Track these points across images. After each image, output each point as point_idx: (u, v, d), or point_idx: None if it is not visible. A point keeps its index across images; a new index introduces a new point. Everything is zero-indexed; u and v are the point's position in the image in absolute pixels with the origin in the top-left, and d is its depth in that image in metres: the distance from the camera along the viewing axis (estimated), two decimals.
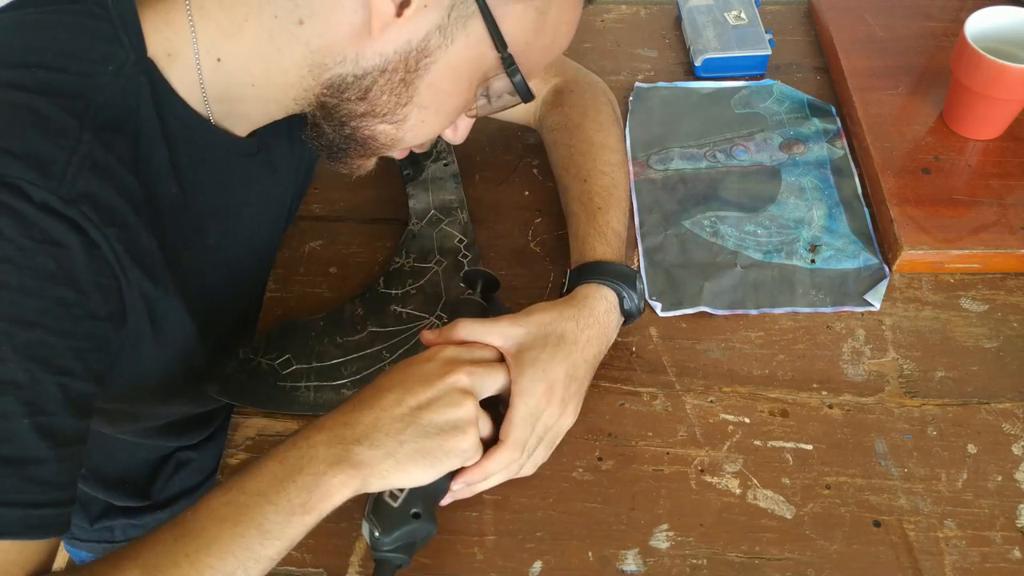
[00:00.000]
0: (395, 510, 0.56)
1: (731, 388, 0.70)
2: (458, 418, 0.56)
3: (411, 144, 0.61)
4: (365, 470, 0.53)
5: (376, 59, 0.54)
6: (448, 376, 0.57)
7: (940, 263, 0.75)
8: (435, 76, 0.55)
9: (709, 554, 0.61)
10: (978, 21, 0.78)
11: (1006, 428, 0.67)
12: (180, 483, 0.86)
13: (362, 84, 0.55)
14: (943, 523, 0.62)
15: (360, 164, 0.64)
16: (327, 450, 0.52)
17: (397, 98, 0.56)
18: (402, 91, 0.55)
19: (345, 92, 0.55)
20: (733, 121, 0.88)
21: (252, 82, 0.57)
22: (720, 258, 0.77)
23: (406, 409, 0.55)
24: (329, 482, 0.52)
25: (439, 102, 0.57)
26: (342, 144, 0.60)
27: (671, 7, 1.00)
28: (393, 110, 0.56)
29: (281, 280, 0.78)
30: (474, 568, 0.61)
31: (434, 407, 0.55)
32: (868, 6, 0.95)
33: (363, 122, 0.57)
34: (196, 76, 0.56)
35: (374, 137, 0.59)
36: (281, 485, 0.51)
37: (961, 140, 0.82)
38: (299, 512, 0.51)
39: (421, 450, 0.54)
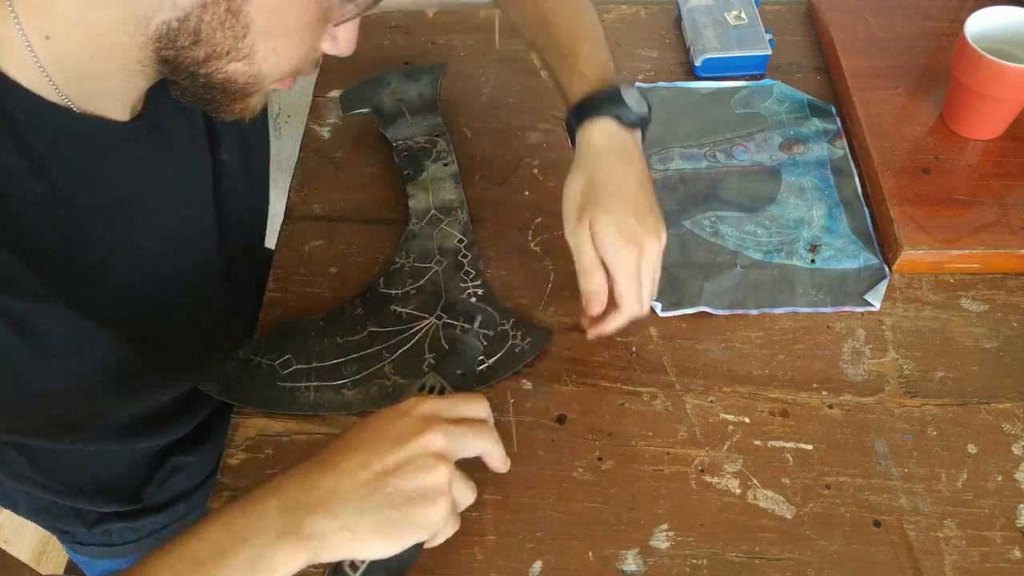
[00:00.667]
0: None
1: (731, 388, 0.70)
2: (428, 486, 0.50)
3: (279, 75, 0.55)
4: (315, 542, 0.48)
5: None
6: (421, 436, 0.51)
7: (940, 263, 0.75)
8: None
9: (709, 554, 0.61)
10: (978, 21, 0.78)
11: (1006, 428, 0.67)
12: (176, 487, 0.85)
13: (188, 27, 0.49)
14: (943, 523, 0.62)
15: (241, 107, 0.57)
16: (278, 517, 0.48)
17: (232, 31, 0.50)
18: (233, 22, 0.50)
19: (177, 40, 0.50)
20: (733, 121, 0.88)
21: (90, 55, 0.51)
22: (720, 258, 0.77)
23: (371, 474, 0.50)
24: (274, 554, 0.47)
25: (282, 23, 0.52)
26: (205, 94, 0.54)
27: (671, 7, 1.00)
28: (235, 45, 0.51)
29: (281, 280, 0.78)
30: (474, 568, 0.61)
31: (402, 472, 0.50)
32: (868, 6, 0.95)
33: (211, 66, 0.52)
34: (33, 61, 0.51)
35: (231, 79, 0.53)
36: (222, 555, 0.47)
37: (961, 140, 0.82)
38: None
39: (384, 522, 0.49)
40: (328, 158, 0.88)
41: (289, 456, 0.67)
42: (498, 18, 1.00)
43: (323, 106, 0.92)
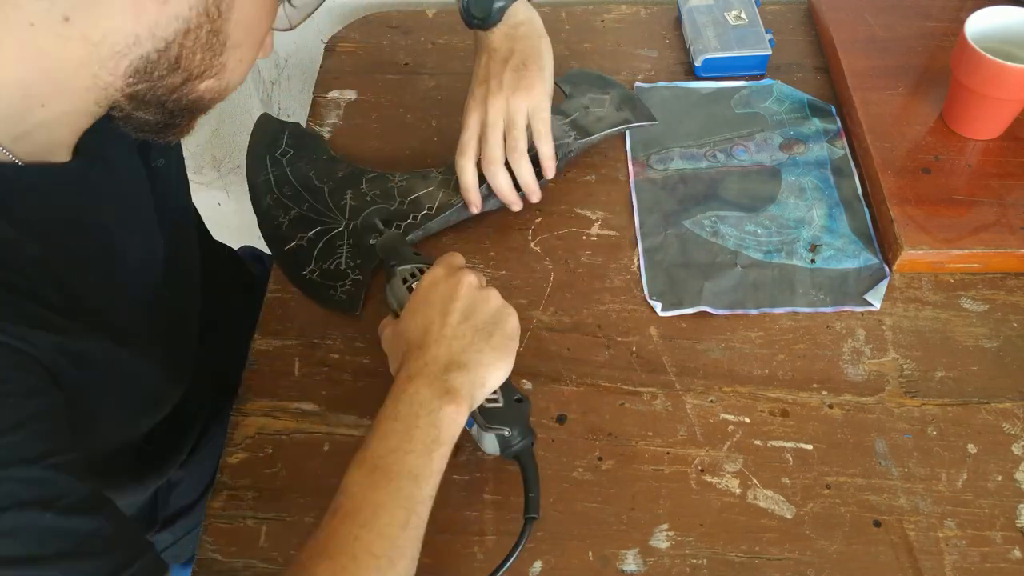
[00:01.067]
0: (504, 407, 0.62)
1: (731, 388, 0.70)
2: (496, 307, 0.62)
3: (237, 85, 0.56)
4: (467, 388, 0.58)
5: (174, 23, 0.48)
6: (462, 284, 0.62)
7: (940, 263, 0.75)
8: (240, 12, 0.50)
9: (709, 554, 0.61)
10: (978, 21, 0.77)
11: (1006, 428, 0.67)
12: (176, 503, 0.85)
13: (170, 55, 0.49)
14: (943, 523, 0.62)
15: (190, 127, 0.57)
16: (430, 389, 0.57)
17: (212, 51, 0.51)
18: (213, 42, 0.50)
19: (155, 71, 0.49)
20: (733, 121, 0.88)
21: (41, 103, 0.49)
22: (720, 258, 0.77)
23: (458, 327, 0.60)
24: (446, 410, 0.56)
25: (250, 33, 0.53)
26: (167, 120, 0.54)
27: (671, 7, 1.00)
28: (211, 64, 0.51)
29: (281, 280, 0.78)
30: (474, 568, 0.61)
31: (476, 311, 0.61)
32: (868, 6, 0.95)
33: (184, 90, 0.52)
34: None
35: (200, 98, 0.54)
36: (409, 435, 0.55)
37: (961, 140, 0.82)
38: (435, 447, 0.55)
39: (495, 347, 0.60)
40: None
41: (288, 455, 0.67)
42: None
43: (323, 106, 0.92)
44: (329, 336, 0.74)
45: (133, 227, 0.64)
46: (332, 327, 0.75)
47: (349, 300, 0.74)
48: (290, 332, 0.75)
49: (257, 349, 0.74)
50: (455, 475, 0.65)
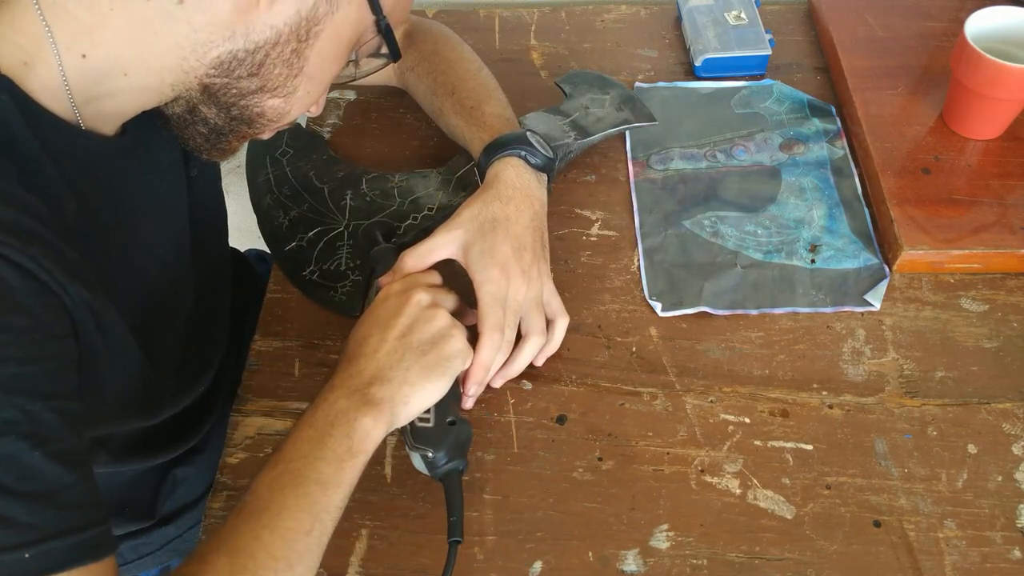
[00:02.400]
0: (433, 428, 0.61)
1: (731, 388, 0.70)
2: (439, 327, 0.61)
3: (294, 118, 0.60)
4: (387, 405, 0.57)
5: (267, 31, 0.52)
6: (410, 300, 0.62)
7: (940, 263, 0.75)
8: (323, 44, 0.54)
9: (709, 554, 0.61)
10: (978, 21, 0.78)
11: (1006, 428, 0.67)
12: (181, 498, 0.85)
13: (255, 59, 0.53)
14: (943, 523, 0.62)
15: (236, 147, 0.61)
16: (348, 400, 0.57)
17: (289, 70, 0.54)
18: (294, 62, 0.54)
19: (236, 69, 0.53)
20: (733, 121, 0.88)
21: (125, 71, 0.52)
22: (720, 258, 0.77)
23: (393, 342, 0.60)
24: (363, 422, 0.56)
25: (324, 71, 0.57)
26: (226, 127, 0.57)
27: (671, 7, 1.00)
28: (284, 83, 0.55)
29: (281, 281, 0.78)
30: (474, 568, 0.61)
31: (415, 329, 0.61)
32: (868, 6, 0.95)
33: (254, 99, 0.56)
34: (60, 80, 0.51)
35: (263, 113, 0.57)
36: (321, 442, 0.55)
37: (961, 140, 0.82)
38: (347, 458, 0.55)
39: (426, 366, 0.59)
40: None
41: None
42: (498, 18, 1.00)
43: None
44: (329, 337, 0.74)
45: (161, 225, 0.65)
46: (332, 328, 0.75)
47: (349, 301, 0.74)
48: (290, 333, 0.75)
49: (257, 350, 0.74)
50: None
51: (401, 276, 0.67)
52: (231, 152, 0.61)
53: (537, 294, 0.68)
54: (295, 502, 0.53)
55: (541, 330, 0.69)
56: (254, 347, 0.74)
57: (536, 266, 0.68)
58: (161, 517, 0.85)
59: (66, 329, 0.51)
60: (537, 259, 0.69)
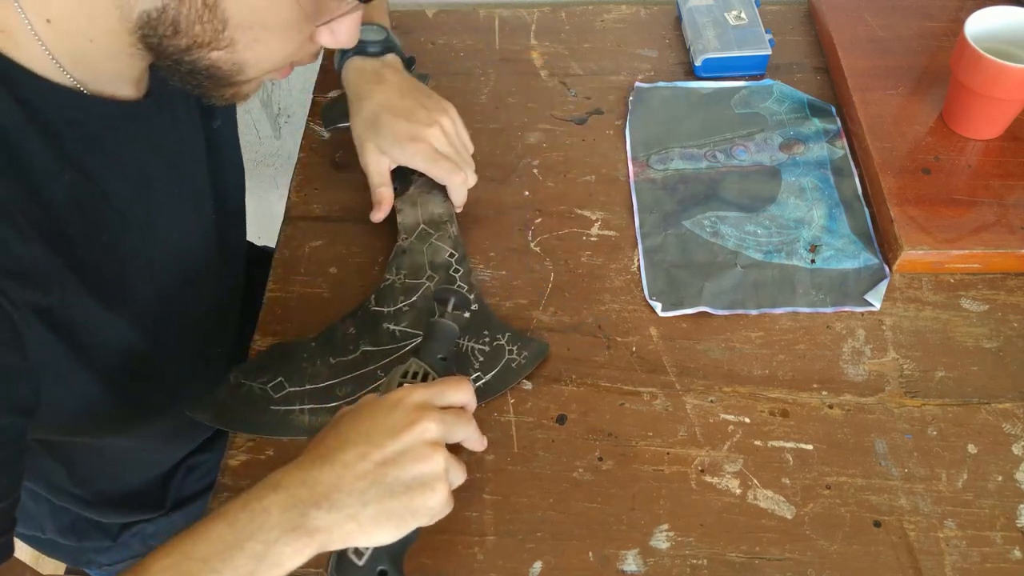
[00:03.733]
0: (360, 568, 0.53)
1: (731, 388, 0.70)
2: (426, 473, 0.52)
3: (269, 65, 0.55)
4: (322, 536, 0.49)
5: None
6: (415, 426, 0.53)
7: (940, 263, 0.75)
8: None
9: (709, 554, 0.61)
10: (978, 21, 0.78)
11: (1006, 428, 0.67)
12: (191, 486, 0.85)
13: (166, 18, 0.50)
14: (943, 523, 0.62)
15: (232, 92, 0.57)
16: (281, 515, 0.49)
17: (210, 24, 0.50)
18: (211, 16, 0.50)
19: (157, 28, 0.50)
20: (733, 121, 0.88)
21: (89, 37, 0.51)
22: (720, 258, 0.77)
23: (370, 465, 0.51)
24: (281, 550, 0.48)
25: (260, 18, 0.52)
26: (192, 80, 0.54)
27: (671, 7, 1.00)
28: (215, 37, 0.51)
29: (281, 280, 0.78)
30: (474, 568, 0.61)
31: (400, 463, 0.51)
32: (868, 6, 0.95)
33: (193, 54, 0.52)
34: (39, 46, 0.51)
35: (215, 65, 0.53)
36: (228, 552, 0.47)
37: (961, 140, 0.82)
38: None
39: (386, 511, 0.50)
40: (328, 158, 0.87)
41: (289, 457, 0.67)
42: (498, 18, 1.00)
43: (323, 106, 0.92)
44: None
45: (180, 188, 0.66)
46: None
47: None
48: (290, 332, 0.75)
49: (257, 349, 0.74)
50: None
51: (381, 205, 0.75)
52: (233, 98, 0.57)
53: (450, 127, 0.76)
54: None
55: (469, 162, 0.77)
56: (254, 347, 0.74)
57: (424, 109, 0.76)
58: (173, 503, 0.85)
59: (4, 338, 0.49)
60: (420, 103, 0.76)
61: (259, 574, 0.48)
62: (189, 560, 0.47)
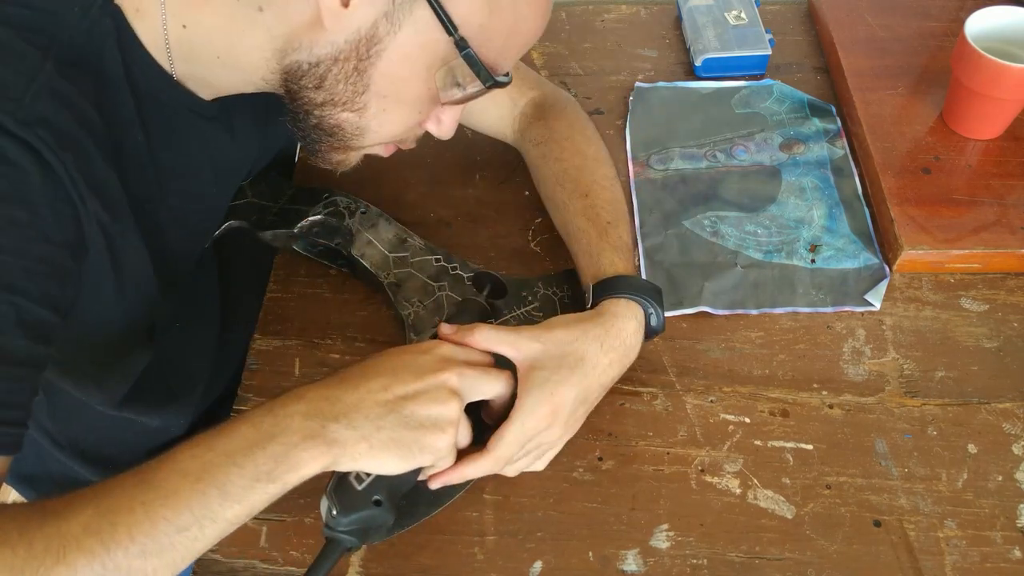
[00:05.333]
0: (358, 493, 0.55)
1: (731, 388, 0.70)
2: (440, 415, 0.55)
3: (385, 136, 0.61)
4: (337, 448, 0.52)
5: (328, 48, 0.54)
6: (440, 373, 0.56)
7: (940, 263, 0.75)
8: (387, 64, 0.55)
9: (709, 554, 0.61)
10: (978, 21, 0.78)
11: (1006, 428, 0.67)
12: None
13: (317, 72, 0.56)
14: (943, 523, 0.62)
15: (339, 159, 0.64)
16: (303, 422, 0.51)
17: (353, 86, 0.56)
18: (357, 79, 0.56)
19: (302, 79, 0.56)
20: (733, 121, 0.88)
21: (217, 54, 0.57)
22: (720, 258, 0.77)
23: (391, 396, 0.54)
24: (299, 455, 0.50)
25: (397, 90, 0.57)
26: (312, 134, 0.61)
27: (671, 7, 1.00)
28: (352, 98, 0.57)
29: (281, 280, 0.78)
30: (474, 568, 0.61)
31: (419, 400, 0.55)
32: (868, 6, 0.95)
33: (325, 111, 0.58)
34: (163, 35, 0.57)
35: (339, 126, 0.59)
36: (250, 450, 0.50)
37: (961, 140, 0.82)
38: (264, 480, 0.49)
39: (397, 440, 0.53)
40: None
41: None
42: None
43: None
44: (329, 336, 0.74)
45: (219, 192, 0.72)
46: (332, 327, 0.75)
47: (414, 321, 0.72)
48: (290, 332, 0.75)
49: (257, 349, 0.74)
50: None
51: (461, 338, 0.61)
52: (338, 164, 0.64)
53: (557, 445, 0.63)
54: (187, 496, 0.48)
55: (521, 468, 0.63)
56: (254, 346, 0.74)
57: (579, 423, 0.63)
58: None
59: (68, 239, 0.53)
60: (584, 417, 0.64)
61: (277, 474, 0.50)
62: (213, 452, 0.50)
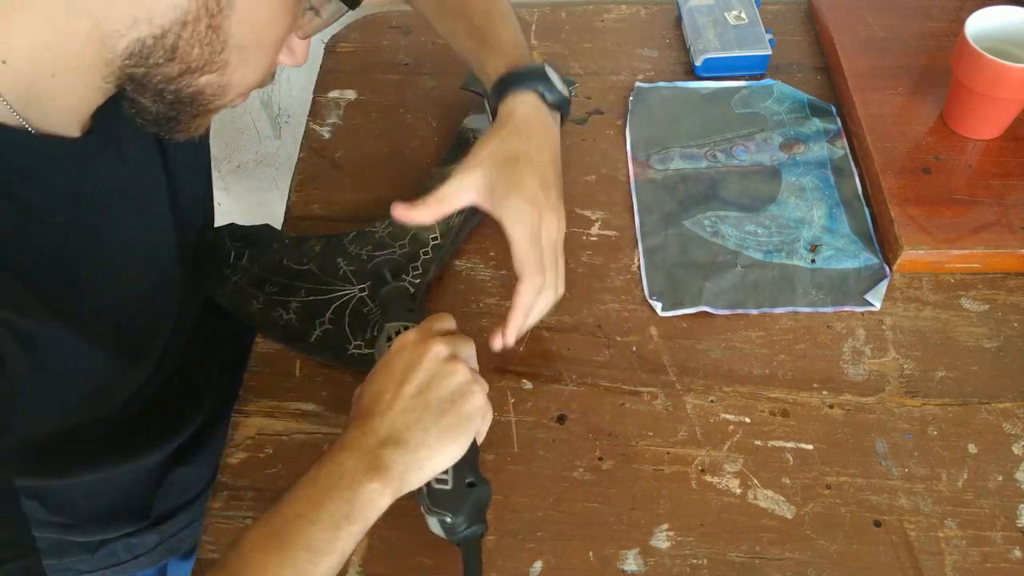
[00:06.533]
0: (450, 491, 0.57)
1: (731, 388, 0.70)
2: (459, 383, 0.56)
3: (246, 86, 0.55)
4: (399, 468, 0.53)
5: (172, 13, 0.47)
6: (427, 353, 0.57)
7: (940, 263, 0.75)
8: (243, 12, 0.49)
9: (709, 554, 0.61)
10: (978, 21, 0.78)
11: (1006, 428, 0.67)
12: (177, 497, 0.85)
13: (165, 43, 0.48)
14: (943, 523, 0.62)
15: (199, 124, 0.57)
16: (356, 462, 0.53)
17: (210, 47, 0.50)
18: (213, 37, 0.49)
19: (150, 57, 0.49)
20: (733, 121, 0.88)
21: (50, 72, 0.50)
22: (720, 258, 0.77)
23: (410, 400, 0.55)
24: (368, 488, 0.52)
25: (258, 36, 0.51)
26: (168, 112, 0.53)
27: (671, 7, 1.00)
28: (210, 59, 0.50)
29: None
30: None
31: (434, 385, 0.56)
32: (868, 6, 0.95)
33: (183, 81, 0.51)
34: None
35: (200, 92, 0.53)
36: (320, 504, 0.51)
37: (961, 140, 0.82)
38: (344, 524, 0.51)
39: (446, 427, 0.55)
40: (328, 158, 0.88)
41: (289, 455, 0.67)
42: None
43: (323, 106, 0.92)
44: None
45: (136, 220, 0.64)
46: None
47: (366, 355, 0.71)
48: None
49: (258, 351, 0.74)
50: None
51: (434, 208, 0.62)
52: (196, 129, 0.57)
53: (562, 236, 0.64)
54: (276, 568, 0.49)
55: (560, 281, 0.65)
56: (255, 349, 0.74)
57: (559, 206, 0.64)
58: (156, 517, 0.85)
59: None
60: (561, 199, 0.65)
61: (355, 515, 0.51)
62: (284, 521, 0.50)
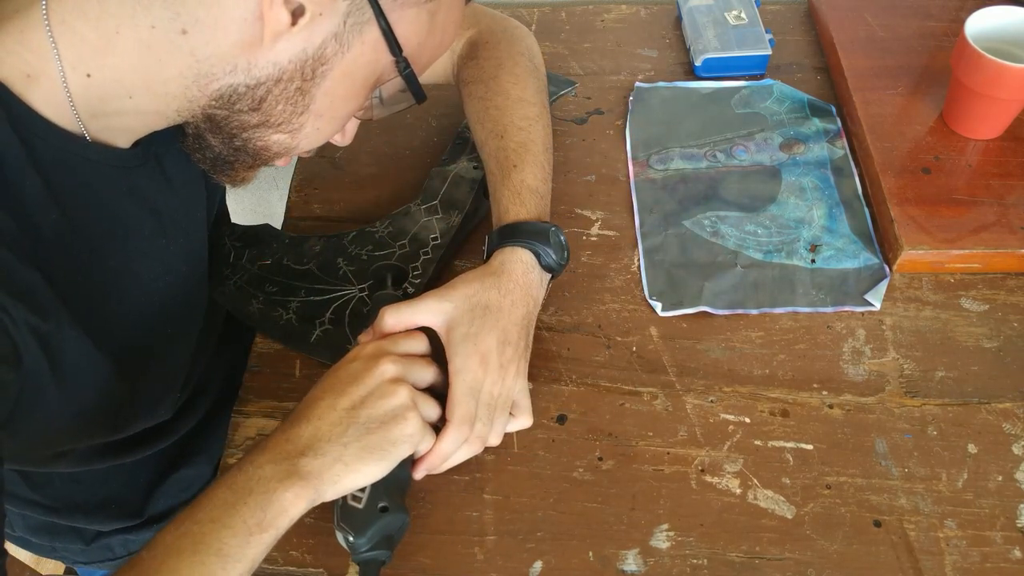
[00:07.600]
0: (362, 511, 0.57)
1: (731, 388, 0.70)
2: (394, 406, 0.57)
3: (302, 151, 0.59)
4: (315, 480, 0.53)
5: (270, 68, 0.51)
6: (375, 369, 0.57)
7: (940, 263, 0.75)
8: (332, 83, 0.53)
9: (709, 554, 0.61)
10: (978, 21, 0.78)
11: (1006, 428, 0.67)
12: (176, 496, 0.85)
13: (256, 94, 0.52)
14: (943, 523, 0.62)
15: (246, 176, 0.60)
16: (274, 468, 0.53)
17: (293, 107, 0.53)
18: (298, 100, 0.53)
19: (237, 103, 0.52)
20: (733, 121, 0.88)
21: (129, 94, 0.52)
22: (720, 258, 0.77)
23: (341, 412, 0.56)
24: (282, 496, 0.52)
25: (334, 109, 0.55)
26: (230, 156, 0.57)
27: (671, 7, 1.00)
28: (289, 119, 0.54)
29: None
30: (474, 568, 0.61)
31: (368, 402, 0.56)
32: (868, 6, 0.95)
33: (256, 133, 0.55)
34: (64, 94, 0.52)
35: (267, 147, 0.56)
36: (233, 508, 0.51)
37: (961, 140, 0.82)
38: (256, 531, 0.51)
39: (367, 447, 0.55)
40: (328, 158, 0.88)
41: None
42: None
43: None
44: None
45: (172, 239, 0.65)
46: None
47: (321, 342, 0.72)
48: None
49: (258, 352, 0.74)
50: (455, 475, 0.65)
51: (379, 335, 0.62)
52: (242, 181, 0.60)
53: (510, 393, 0.63)
54: (187, 571, 0.49)
55: (497, 435, 0.64)
56: (255, 349, 0.74)
57: (515, 364, 0.63)
58: (152, 516, 0.85)
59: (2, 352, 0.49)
60: (518, 356, 0.64)
61: (267, 522, 0.51)
62: (198, 524, 0.50)
